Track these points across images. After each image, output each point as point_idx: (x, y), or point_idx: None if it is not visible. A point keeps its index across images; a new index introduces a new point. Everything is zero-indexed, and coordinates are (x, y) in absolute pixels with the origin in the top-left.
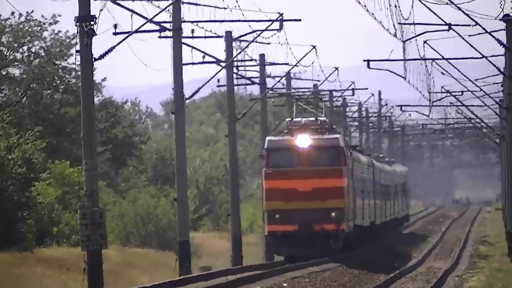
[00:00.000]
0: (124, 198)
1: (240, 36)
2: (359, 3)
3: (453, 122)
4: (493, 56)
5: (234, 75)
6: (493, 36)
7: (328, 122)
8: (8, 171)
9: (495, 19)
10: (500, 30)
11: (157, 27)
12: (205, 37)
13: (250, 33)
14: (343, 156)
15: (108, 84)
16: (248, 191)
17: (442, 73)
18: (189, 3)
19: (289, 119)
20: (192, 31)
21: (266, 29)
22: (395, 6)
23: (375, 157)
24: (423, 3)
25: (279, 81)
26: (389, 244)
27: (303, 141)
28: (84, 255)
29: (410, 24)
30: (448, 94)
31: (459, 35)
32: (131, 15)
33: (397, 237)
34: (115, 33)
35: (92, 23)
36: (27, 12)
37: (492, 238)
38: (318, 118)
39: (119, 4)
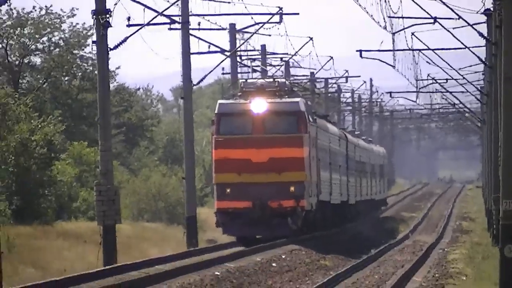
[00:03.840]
0: (136, 176)
1: (243, 28)
2: None
3: (438, 107)
4: (475, 47)
5: (238, 64)
6: (475, 29)
7: (288, 84)
8: (31, 152)
9: (477, 13)
10: (481, 23)
11: (167, 20)
12: (211, 29)
13: (252, 25)
14: (304, 122)
15: (122, 72)
16: None
17: (428, 62)
18: None
19: (244, 80)
20: (199, 23)
21: (267, 22)
22: (385, 1)
23: (349, 132)
24: None
25: (278, 69)
26: (377, 220)
27: (259, 105)
28: (100, 229)
29: (398, 17)
30: (434, 82)
31: (444, 27)
32: (144, 9)
33: (384, 214)
34: (128, 25)
35: (107, 16)
36: (46, 6)
37: (473, 214)
38: (276, 80)
39: None
